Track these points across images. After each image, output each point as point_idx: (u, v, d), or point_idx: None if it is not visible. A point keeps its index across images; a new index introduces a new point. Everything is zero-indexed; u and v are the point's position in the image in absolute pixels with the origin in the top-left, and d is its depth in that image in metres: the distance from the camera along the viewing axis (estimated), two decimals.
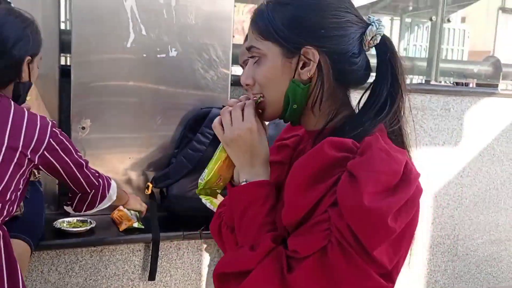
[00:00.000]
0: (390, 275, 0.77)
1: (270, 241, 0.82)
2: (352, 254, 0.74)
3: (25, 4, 2.02)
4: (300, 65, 0.88)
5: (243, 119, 0.90)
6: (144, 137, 2.28)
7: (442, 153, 3.05)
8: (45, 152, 1.51)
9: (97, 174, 1.74)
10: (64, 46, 2.26)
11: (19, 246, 1.67)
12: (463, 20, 9.90)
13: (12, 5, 1.85)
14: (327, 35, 0.87)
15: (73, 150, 1.61)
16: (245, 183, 0.90)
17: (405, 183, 0.76)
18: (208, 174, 0.98)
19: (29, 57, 1.49)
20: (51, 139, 1.51)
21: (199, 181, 1.01)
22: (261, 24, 0.89)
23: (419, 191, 0.80)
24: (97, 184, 1.71)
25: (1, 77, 1.47)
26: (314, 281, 0.76)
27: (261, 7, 0.91)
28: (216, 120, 0.93)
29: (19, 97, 1.54)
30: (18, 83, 1.50)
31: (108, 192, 1.76)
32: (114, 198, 1.81)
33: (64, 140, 1.57)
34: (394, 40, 6.89)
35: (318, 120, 0.92)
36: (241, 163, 0.92)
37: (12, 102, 1.50)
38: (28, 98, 1.71)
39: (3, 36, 1.43)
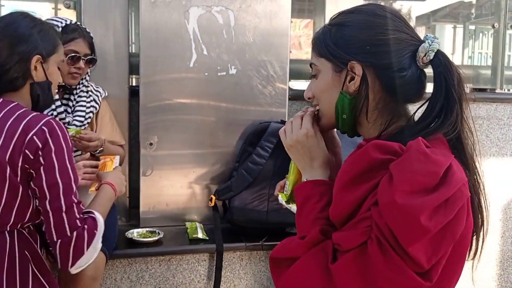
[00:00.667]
0: (428, 274, 0.79)
1: (318, 232, 0.90)
2: (389, 250, 0.78)
3: (100, 32, 2.23)
4: (348, 78, 0.96)
5: (301, 126, 1.02)
6: (207, 152, 2.38)
7: (510, 164, 2.94)
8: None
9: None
10: (132, 68, 2.42)
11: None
12: None
13: (88, 30, 2.02)
14: (372, 51, 0.94)
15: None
16: (304, 180, 1.02)
17: (444, 184, 0.79)
18: (290, 184, 1.10)
19: (38, 56, 1.43)
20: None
21: (284, 192, 1.13)
22: (318, 43, 1.01)
23: (462, 194, 0.81)
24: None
25: (10, 76, 1.40)
26: (354, 274, 0.81)
27: (320, 29, 1.03)
28: (281, 128, 1.06)
29: (39, 97, 1.45)
30: (33, 83, 1.44)
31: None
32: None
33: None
34: (458, 48, 6.69)
35: (373, 130, 0.98)
36: (302, 166, 1.04)
37: (18, 109, 1.38)
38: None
39: (8, 34, 1.42)
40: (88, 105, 2.05)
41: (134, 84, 2.60)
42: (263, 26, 2.37)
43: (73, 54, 1.94)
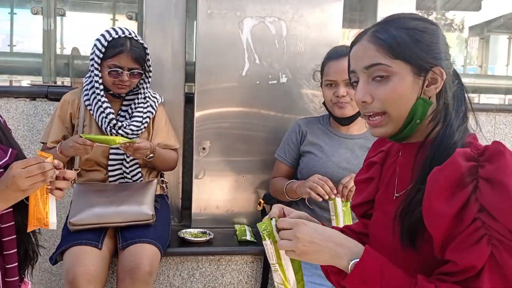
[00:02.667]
0: None
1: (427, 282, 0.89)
2: None
3: (159, 41, 2.36)
4: (426, 83, 0.99)
5: (289, 225, 0.98)
6: (256, 157, 2.46)
7: None
8: None
9: None
10: (187, 76, 2.54)
11: (152, 251, 1.91)
12: None
13: (141, 42, 2.13)
14: (446, 58, 1.01)
15: None
16: (354, 262, 0.93)
17: None
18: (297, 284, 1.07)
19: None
20: None
21: None
22: (392, 42, 0.97)
23: None
24: None
25: None
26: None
27: (384, 27, 1.00)
28: (281, 244, 0.98)
29: None
30: None
31: None
32: None
33: None
34: None
35: (420, 134, 1.02)
36: (332, 256, 0.95)
37: None
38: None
39: None
40: (145, 110, 2.17)
41: (187, 91, 2.72)
42: (314, 36, 2.43)
43: (114, 69, 2.02)
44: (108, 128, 2.06)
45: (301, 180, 1.93)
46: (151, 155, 2.08)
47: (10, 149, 1.25)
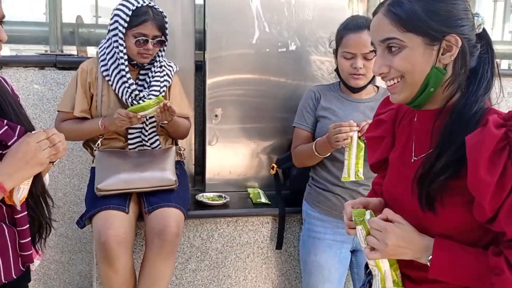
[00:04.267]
0: None
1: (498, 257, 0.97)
2: None
3: (168, 9, 2.37)
4: (441, 51, 1.01)
5: (381, 229, 1.04)
6: (267, 124, 2.55)
7: None
8: None
9: None
10: (196, 44, 2.57)
11: (177, 214, 2.01)
12: None
13: (160, 10, 2.16)
14: (462, 24, 1.02)
15: None
16: (429, 258, 1.03)
17: None
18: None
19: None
20: None
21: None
22: (404, 16, 1.01)
23: None
24: None
25: None
26: None
27: (399, 3, 1.02)
28: (370, 251, 1.07)
29: None
30: None
31: None
32: None
33: None
34: (498, 23, 6.60)
35: (438, 100, 1.07)
36: (413, 256, 1.05)
37: None
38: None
39: None
40: (162, 79, 2.22)
41: (197, 59, 2.76)
42: (322, 3, 2.49)
43: (141, 38, 2.06)
44: (130, 99, 2.11)
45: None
46: (166, 122, 2.14)
47: (18, 127, 1.22)
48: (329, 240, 2.01)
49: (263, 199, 2.38)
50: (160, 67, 2.23)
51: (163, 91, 2.21)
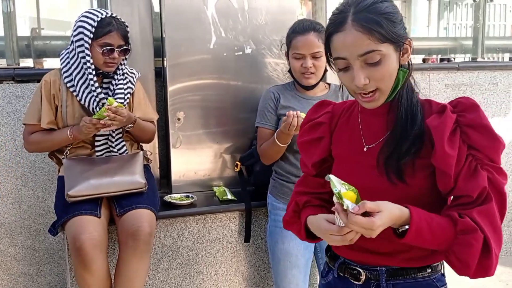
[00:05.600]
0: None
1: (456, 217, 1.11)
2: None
3: (126, 18, 2.44)
4: (401, 54, 1.17)
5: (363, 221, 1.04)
6: (229, 124, 2.67)
7: (492, 125, 3.30)
8: None
9: None
10: (155, 51, 2.65)
11: (149, 215, 2.10)
12: None
13: (122, 20, 2.24)
14: (404, 27, 1.20)
15: None
16: (406, 227, 1.09)
17: None
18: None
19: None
20: None
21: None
22: (377, 28, 1.11)
23: None
24: None
25: None
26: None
27: (365, 15, 1.12)
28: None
29: None
30: None
31: None
32: None
33: None
34: (433, 20, 6.96)
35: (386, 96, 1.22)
36: (393, 224, 1.09)
37: None
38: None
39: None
40: (125, 86, 2.29)
41: (155, 66, 2.83)
42: (273, 8, 2.64)
43: (107, 47, 2.13)
44: (97, 108, 2.17)
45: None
46: (130, 125, 2.21)
47: None
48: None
49: (229, 196, 2.50)
50: (123, 74, 2.30)
51: (128, 97, 2.29)
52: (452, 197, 1.17)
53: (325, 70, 2.24)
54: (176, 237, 2.40)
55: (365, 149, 1.25)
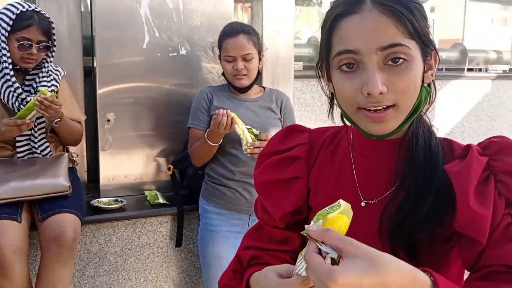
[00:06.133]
0: None
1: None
2: None
3: (54, 14, 2.34)
4: (425, 68, 0.84)
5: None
6: (162, 127, 2.61)
7: None
8: None
9: None
10: (84, 50, 2.55)
11: (73, 219, 2.00)
12: (432, 10, 10.36)
13: (47, 16, 2.13)
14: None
15: None
16: None
17: None
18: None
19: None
20: None
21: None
22: (412, 18, 0.78)
23: None
24: None
25: None
26: None
27: (400, 2, 0.78)
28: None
29: None
30: None
31: None
32: None
33: None
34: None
35: (404, 127, 0.86)
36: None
37: None
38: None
39: None
40: (49, 84, 2.18)
41: (85, 65, 2.72)
42: (209, 10, 2.62)
43: (24, 42, 2.02)
44: (16, 103, 2.05)
45: None
46: (58, 119, 2.09)
47: None
48: (226, 232, 2.13)
49: (161, 200, 2.44)
50: (47, 72, 2.19)
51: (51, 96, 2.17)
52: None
53: (259, 73, 2.24)
54: (104, 242, 2.30)
55: (362, 204, 0.89)
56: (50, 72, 2.21)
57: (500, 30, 4.24)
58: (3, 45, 2.01)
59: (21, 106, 2.05)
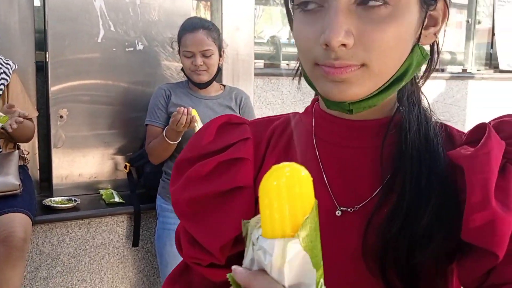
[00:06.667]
0: None
1: None
2: None
3: (3, 8, 2.24)
4: (425, 23, 0.61)
5: None
6: (118, 124, 2.53)
7: None
8: None
9: None
10: (36, 43, 2.45)
11: (23, 219, 1.91)
12: None
13: None
14: None
15: None
16: None
17: None
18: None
19: None
20: None
21: None
22: None
23: None
24: None
25: None
26: None
27: None
28: None
29: None
30: None
31: None
32: None
33: None
34: None
35: (383, 110, 0.66)
36: None
37: None
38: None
39: None
40: None
41: (38, 59, 2.63)
42: (167, 5, 2.56)
43: None
44: None
45: None
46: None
47: None
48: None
49: (117, 199, 2.37)
50: None
51: (0, 89, 2.09)
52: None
53: (219, 69, 2.22)
54: (56, 243, 2.22)
55: (337, 212, 0.65)
56: (0, 66, 2.12)
57: (455, 33, 4.38)
58: None
59: None
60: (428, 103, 0.69)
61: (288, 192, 0.45)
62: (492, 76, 4.23)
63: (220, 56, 2.19)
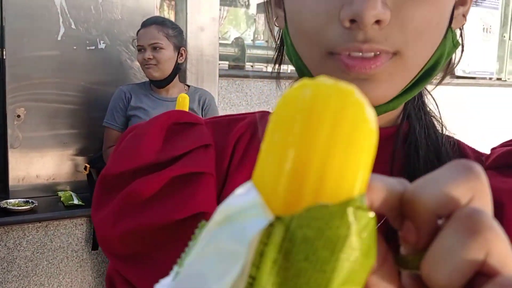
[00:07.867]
0: None
1: None
2: None
3: None
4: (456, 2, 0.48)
5: None
6: (78, 124, 2.47)
7: None
8: None
9: None
10: None
11: None
12: None
13: None
14: None
15: None
16: None
17: None
18: None
19: None
20: None
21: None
22: None
23: None
24: None
25: None
26: None
27: None
28: None
29: None
30: None
31: None
32: None
33: None
34: None
35: (390, 114, 0.52)
36: None
37: None
38: None
39: None
40: None
41: None
42: (130, 4, 2.52)
43: None
44: None
45: None
46: None
47: None
48: None
49: (76, 201, 2.31)
50: None
51: None
52: None
53: (177, 68, 2.20)
54: (13, 246, 2.14)
55: None
56: None
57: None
58: None
59: None
60: (439, 111, 0.57)
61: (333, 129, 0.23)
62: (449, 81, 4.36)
63: (181, 54, 2.18)
